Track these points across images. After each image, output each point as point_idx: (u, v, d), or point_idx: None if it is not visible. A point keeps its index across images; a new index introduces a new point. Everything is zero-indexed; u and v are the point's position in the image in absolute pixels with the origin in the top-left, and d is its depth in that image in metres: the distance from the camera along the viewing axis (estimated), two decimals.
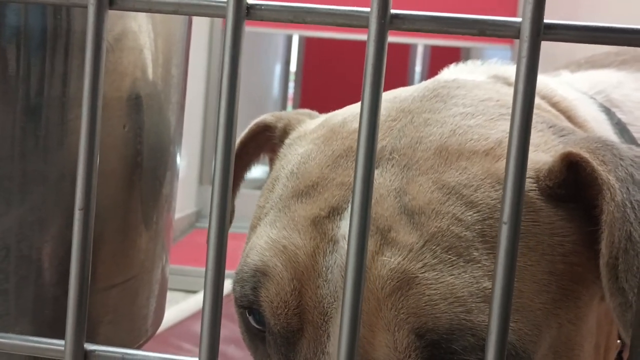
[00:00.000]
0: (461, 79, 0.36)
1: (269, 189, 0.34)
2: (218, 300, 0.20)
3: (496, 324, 0.17)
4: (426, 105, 0.33)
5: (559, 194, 0.29)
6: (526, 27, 0.17)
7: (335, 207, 0.30)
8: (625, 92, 0.43)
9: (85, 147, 0.19)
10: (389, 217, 0.29)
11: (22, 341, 0.21)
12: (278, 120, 0.38)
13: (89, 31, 0.20)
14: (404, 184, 0.29)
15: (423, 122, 0.32)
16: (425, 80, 0.40)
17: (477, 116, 0.32)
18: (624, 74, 0.45)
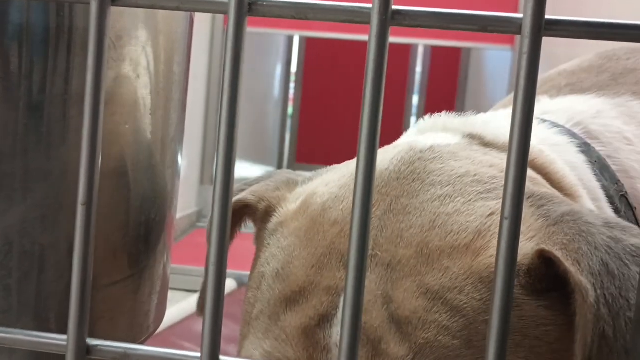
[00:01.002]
0: (436, 147, 0.36)
1: (256, 286, 0.35)
2: (220, 297, 0.20)
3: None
4: (404, 186, 0.33)
5: (539, 288, 0.30)
6: (527, 23, 0.17)
7: (325, 315, 0.31)
8: (604, 122, 0.43)
9: (87, 143, 0.20)
10: (378, 327, 0.29)
11: (24, 336, 0.21)
12: (259, 202, 0.37)
13: (92, 28, 0.20)
14: (389, 288, 0.30)
15: (402, 210, 0.32)
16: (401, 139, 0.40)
17: (455, 199, 0.32)
18: (603, 100, 0.45)
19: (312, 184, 0.38)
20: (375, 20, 0.17)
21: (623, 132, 0.43)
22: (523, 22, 0.17)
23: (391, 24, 0.17)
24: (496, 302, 0.18)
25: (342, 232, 0.32)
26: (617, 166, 0.41)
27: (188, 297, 1.31)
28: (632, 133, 0.43)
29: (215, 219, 0.19)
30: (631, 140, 0.42)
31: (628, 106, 0.44)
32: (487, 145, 0.37)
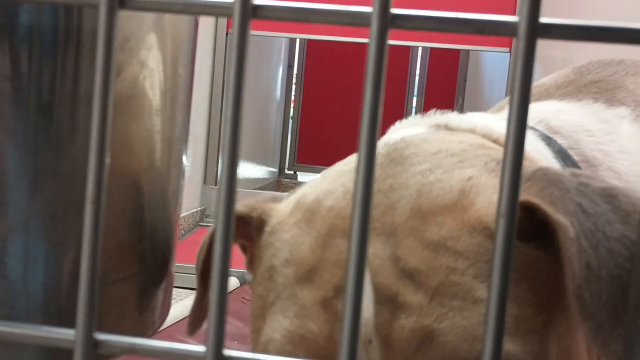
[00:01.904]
0: (407, 138, 0.38)
1: (267, 278, 0.36)
2: (224, 293, 0.20)
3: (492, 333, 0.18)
4: (386, 171, 0.35)
5: (525, 236, 0.32)
6: (522, 25, 0.18)
7: (340, 286, 0.32)
8: (564, 118, 0.45)
9: (96, 142, 0.20)
10: (392, 284, 0.31)
11: (33, 331, 0.22)
12: (251, 210, 0.39)
13: (100, 31, 0.20)
14: (394, 250, 0.32)
15: (389, 189, 0.34)
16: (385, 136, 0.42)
17: (434, 171, 0.35)
18: (565, 102, 0.48)
19: (299, 191, 0.39)
20: (375, 23, 0.18)
21: (584, 125, 0.45)
22: (518, 25, 0.18)
23: (390, 26, 0.18)
24: (493, 298, 0.18)
25: (340, 214, 0.34)
26: (579, 156, 0.43)
27: (191, 294, 1.32)
28: (592, 126, 0.45)
29: (220, 218, 0.19)
30: (592, 131, 0.45)
31: (589, 107, 0.47)
32: (452, 129, 0.40)
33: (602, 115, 0.47)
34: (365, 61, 0.18)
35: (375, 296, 0.31)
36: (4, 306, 0.28)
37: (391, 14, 0.18)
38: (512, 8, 1.85)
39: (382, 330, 0.30)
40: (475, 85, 3.02)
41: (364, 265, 0.18)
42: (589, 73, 0.52)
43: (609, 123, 0.46)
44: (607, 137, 0.45)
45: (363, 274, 0.18)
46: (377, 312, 0.31)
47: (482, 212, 0.32)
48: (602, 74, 0.52)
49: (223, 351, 0.19)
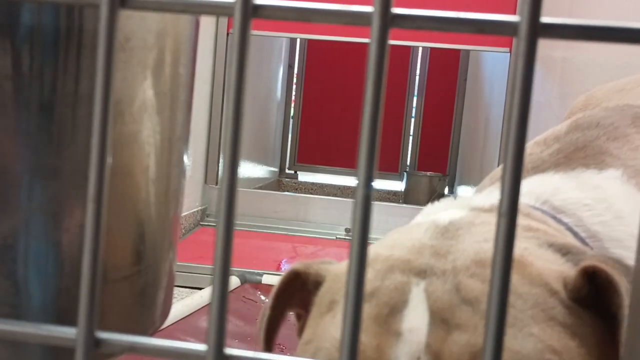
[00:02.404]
0: (455, 221, 0.40)
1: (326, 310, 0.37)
2: (225, 292, 0.20)
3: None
4: (442, 242, 0.37)
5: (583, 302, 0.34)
6: (523, 25, 0.18)
7: (395, 306, 0.33)
8: (564, 197, 0.48)
9: (97, 141, 0.20)
10: (448, 309, 0.32)
11: (34, 329, 0.22)
12: (308, 267, 0.41)
13: (101, 30, 0.20)
14: (455, 284, 0.33)
15: (447, 251, 0.36)
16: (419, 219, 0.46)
17: (489, 241, 0.37)
18: (559, 177, 0.51)
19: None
20: (376, 23, 0.18)
21: (581, 200, 0.48)
22: (519, 25, 0.18)
23: (391, 26, 0.18)
24: (494, 299, 0.18)
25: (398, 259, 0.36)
26: (585, 232, 0.46)
27: (192, 294, 1.32)
28: (588, 198, 0.48)
29: (221, 217, 0.19)
30: (590, 205, 0.48)
31: (580, 177, 0.51)
32: (488, 210, 0.43)
33: (594, 182, 0.50)
34: (366, 61, 0.18)
35: (431, 319, 0.32)
36: (6, 305, 0.28)
37: (392, 13, 0.18)
38: (512, 8, 1.85)
39: (434, 347, 0.31)
40: (475, 85, 3.02)
41: (364, 266, 0.18)
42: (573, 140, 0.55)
43: (601, 189, 0.49)
44: (603, 204, 0.48)
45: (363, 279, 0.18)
46: (431, 331, 0.32)
47: (543, 272, 0.34)
48: (585, 139, 0.55)
49: (224, 350, 0.20)
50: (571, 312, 0.33)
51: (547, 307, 0.33)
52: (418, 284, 0.34)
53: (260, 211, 2.02)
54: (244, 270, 1.45)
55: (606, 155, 0.52)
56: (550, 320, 0.32)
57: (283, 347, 1.07)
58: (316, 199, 2.20)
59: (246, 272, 1.45)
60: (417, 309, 0.32)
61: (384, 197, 3.04)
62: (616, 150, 0.53)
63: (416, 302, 0.33)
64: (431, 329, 0.32)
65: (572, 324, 0.33)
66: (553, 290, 0.34)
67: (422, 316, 0.32)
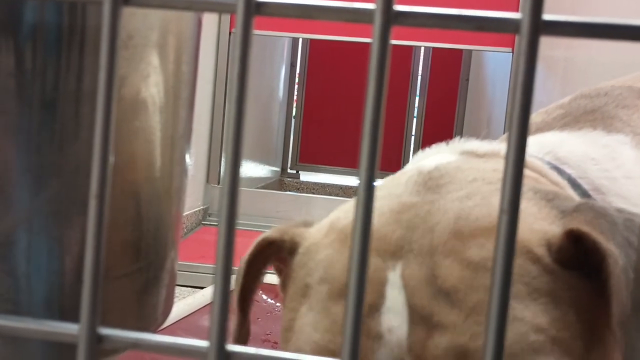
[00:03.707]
0: (441, 166, 0.38)
1: (300, 294, 0.36)
2: (227, 289, 0.20)
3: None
4: (423, 198, 0.36)
5: (568, 264, 0.32)
6: (525, 22, 0.18)
7: (373, 304, 0.32)
8: (569, 149, 0.47)
9: (100, 138, 0.20)
10: (427, 304, 0.31)
11: (37, 325, 0.22)
12: (283, 234, 0.39)
13: (104, 28, 0.20)
14: (431, 270, 0.32)
15: (427, 213, 0.34)
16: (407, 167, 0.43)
17: (472, 197, 0.35)
18: (566, 133, 0.50)
19: (331, 216, 0.40)
20: (378, 20, 0.18)
21: (588, 154, 0.46)
22: (521, 22, 0.18)
23: (394, 23, 0.18)
24: (495, 296, 0.18)
25: (374, 234, 0.33)
26: (589, 185, 0.44)
27: (194, 293, 1.32)
28: (596, 154, 0.47)
29: (223, 216, 0.19)
30: (597, 159, 0.46)
31: (589, 136, 0.49)
32: (481, 156, 0.40)
33: (602, 141, 0.48)
34: (368, 61, 0.18)
35: (410, 316, 0.31)
36: (8, 302, 0.28)
37: (394, 10, 0.18)
38: (515, 6, 1.85)
39: (416, 350, 0.30)
40: (477, 85, 3.02)
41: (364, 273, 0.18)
42: (580, 105, 0.54)
43: (610, 148, 0.48)
44: (611, 163, 0.46)
45: (364, 284, 0.18)
46: (411, 331, 0.31)
47: (524, 237, 0.32)
48: (593, 104, 0.53)
49: (226, 346, 0.20)
50: (556, 277, 0.32)
51: (530, 277, 0.31)
52: (394, 268, 0.32)
53: (262, 211, 2.02)
54: None
55: (615, 119, 0.50)
56: (534, 293, 0.31)
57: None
58: (318, 198, 2.20)
59: None
60: (395, 305, 0.32)
61: None
62: (626, 117, 0.51)
63: (393, 297, 0.32)
64: (411, 328, 0.31)
65: (557, 289, 0.32)
66: (535, 257, 0.32)
67: (400, 314, 0.31)
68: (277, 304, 1.28)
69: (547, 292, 0.31)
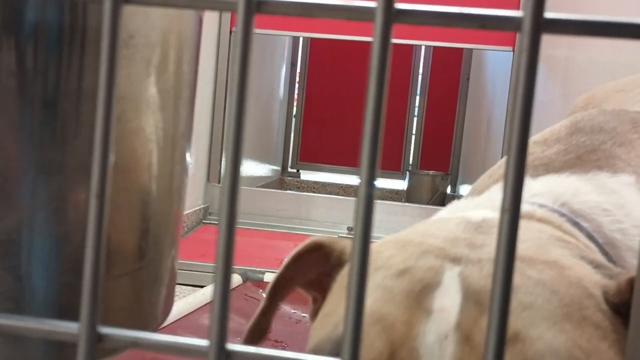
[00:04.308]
0: (489, 219, 0.39)
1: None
2: (227, 288, 0.20)
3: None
4: (476, 236, 0.37)
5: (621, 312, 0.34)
6: (527, 20, 0.18)
7: (427, 285, 0.33)
8: (583, 200, 0.47)
9: (100, 137, 0.20)
10: (483, 292, 0.32)
11: (37, 324, 0.22)
12: (334, 243, 0.40)
13: (105, 27, 0.20)
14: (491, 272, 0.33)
15: (483, 244, 0.36)
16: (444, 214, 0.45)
17: (527, 243, 0.36)
18: (576, 178, 0.50)
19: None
20: (379, 19, 0.18)
21: (600, 205, 0.47)
22: (523, 20, 0.18)
23: (395, 21, 0.18)
24: (496, 294, 0.18)
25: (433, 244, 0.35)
26: (603, 239, 0.45)
27: (194, 291, 1.32)
28: (607, 203, 0.48)
29: (223, 215, 0.19)
30: (609, 210, 0.47)
31: (596, 179, 0.50)
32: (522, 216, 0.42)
33: (610, 186, 0.49)
34: (368, 60, 0.18)
35: (463, 300, 0.32)
36: (9, 300, 0.28)
37: (395, 9, 0.18)
38: (516, 4, 1.84)
39: (465, 326, 0.31)
40: (478, 84, 3.02)
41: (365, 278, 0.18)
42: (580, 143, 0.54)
43: (618, 194, 0.49)
44: (621, 211, 0.47)
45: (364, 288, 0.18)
46: (462, 311, 0.31)
47: (582, 276, 0.34)
48: (592, 143, 0.54)
49: (226, 345, 0.20)
50: (605, 317, 0.33)
51: (582, 307, 0.33)
52: (452, 268, 0.33)
53: (262, 210, 2.03)
54: (246, 269, 1.46)
55: (617, 159, 0.52)
56: (584, 320, 0.32)
57: (285, 344, 1.07)
58: (318, 197, 2.20)
59: (248, 270, 1.45)
60: (450, 290, 0.32)
61: (386, 196, 3.04)
62: (624, 156, 0.52)
63: (449, 284, 0.33)
64: (463, 309, 0.31)
65: (605, 327, 0.33)
66: (590, 294, 0.33)
67: (454, 297, 0.32)
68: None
69: (595, 324, 0.33)
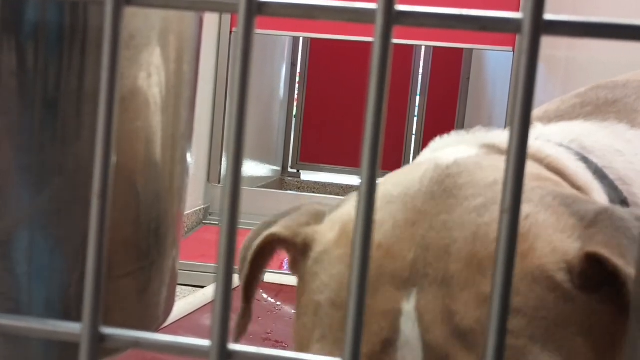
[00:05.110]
0: (460, 160, 0.37)
1: (313, 312, 0.35)
2: (229, 288, 0.20)
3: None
4: (440, 204, 0.34)
5: (590, 285, 0.32)
6: (527, 22, 0.18)
7: (387, 339, 0.31)
8: (595, 139, 0.46)
9: (102, 137, 0.20)
10: (443, 344, 0.30)
11: (39, 324, 0.22)
12: (295, 236, 0.38)
13: (106, 28, 0.20)
14: (447, 303, 0.31)
15: (443, 226, 0.33)
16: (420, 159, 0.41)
17: (489, 207, 0.33)
18: (591, 123, 0.49)
19: (343, 210, 0.38)
20: (380, 20, 0.18)
21: (614, 146, 0.46)
22: (523, 22, 0.18)
23: (395, 23, 0.18)
24: (496, 294, 0.18)
25: (388, 254, 0.33)
26: (614, 175, 0.44)
27: (195, 292, 1.32)
28: (622, 146, 0.46)
29: (224, 215, 0.19)
30: (622, 152, 0.46)
31: (614, 128, 0.48)
32: (503, 152, 0.39)
33: (626, 136, 0.48)
34: (369, 60, 0.18)
35: (425, 355, 0.31)
36: (10, 301, 0.28)
37: (396, 10, 0.18)
38: (516, 6, 1.85)
39: None
40: (478, 84, 3.02)
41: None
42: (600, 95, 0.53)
43: (634, 144, 0.47)
44: (635, 157, 0.45)
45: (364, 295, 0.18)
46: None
47: (544, 260, 0.32)
48: (614, 95, 0.52)
49: (227, 345, 0.20)
50: (576, 304, 0.31)
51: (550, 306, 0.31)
52: (409, 299, 0.32)
53: (262, 210, 2.02)
54: None
55: (637, 113, 0.49)
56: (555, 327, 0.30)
57: (285, 345, 1.07)
58: (319, 197, 2.20)
59: None
60: (410, 341, 0.31)
61: None
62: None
63: (408, 333, 0.31)
64: None
65: (578, 318, 0.31)
66: (555, 284, 0.31)
67: (415, 351, 0.31)
68: (277, 302, 1.28)
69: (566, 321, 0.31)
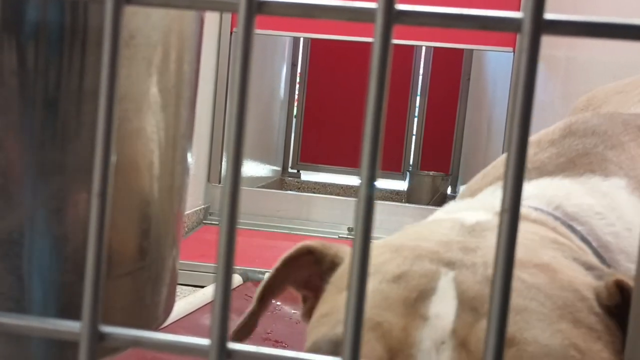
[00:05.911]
0: (482, 222, 0.40)
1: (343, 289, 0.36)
2: (228, 288, 0.20)
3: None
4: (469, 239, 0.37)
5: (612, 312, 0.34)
6: (527, 21, 0.18)
7: (423, 291, 0.33)
8: (576, 202, 0.48)
9: (102, 137, 0.20)
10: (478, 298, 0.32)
11: (39, 323, 0.22)
12: (326, 248, 0.40)
13: (107, 27, 0.20)
14: (485, 277, 0.33)
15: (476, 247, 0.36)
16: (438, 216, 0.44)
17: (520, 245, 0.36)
18: (569, 181, 0.51)
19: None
20: (380, 19, 0.18)
21: (593, 207, 0.48)
22: (523, 21, 0.18)
23: (395, 22, 0.18)
24: (496, 297, 0.18)
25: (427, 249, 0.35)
26: (597, 242, 0.46)
27: (195, 291, 1.32)
28: (600, 206, 0.48)
29: (224, 216, 0.19)
30: (602, 213, 0.47)
31: (591, 183, 0.50)
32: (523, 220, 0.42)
33: (603, 189, 0.50)
34: (369, 60, 0.18)
35: (459, 305, 0.32)
36: (9, 300, 0.28)
37: (396, 10, 0.18)
38: (516, 5, 1.85)
39: (461, 332, 0.31)
40: (478, 85, 3.02)
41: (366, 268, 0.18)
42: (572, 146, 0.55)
43: (610, 197, 0.49)
44: (613, 214, 0.47)
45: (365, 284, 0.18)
46: (458, 317, 0.32)
47: (572, 279, 0.34)
48: (584, 146, 0.54)
49: (227, 344, 0.20)
50: (599, 319, 0.34)
51: (575, 309, 0.33)
52: (447, 274, 0.34)
53: (262, 210, 2.03)
54: (247, 269, 1.46)
55: (608, 162, 0.52)
56: (578, 322, 0.32)
57: (285, 344, 1.07)
58: (319, 198, 2.20)
59: (249, 271, 1.45)
60: (446, 296, 0.32)
61: (386, 196, 3.04)
62: (616, 159, 0.53)
63: (445, 290, 0.33)
64: (459, 315, 0.32)
65: (598, 329, 0.33)
66: (582, 297, 0.34)
67: (450, 303, 0.32)
68: (277, 303, 1.28)
69: (588, 326, 0.33)
